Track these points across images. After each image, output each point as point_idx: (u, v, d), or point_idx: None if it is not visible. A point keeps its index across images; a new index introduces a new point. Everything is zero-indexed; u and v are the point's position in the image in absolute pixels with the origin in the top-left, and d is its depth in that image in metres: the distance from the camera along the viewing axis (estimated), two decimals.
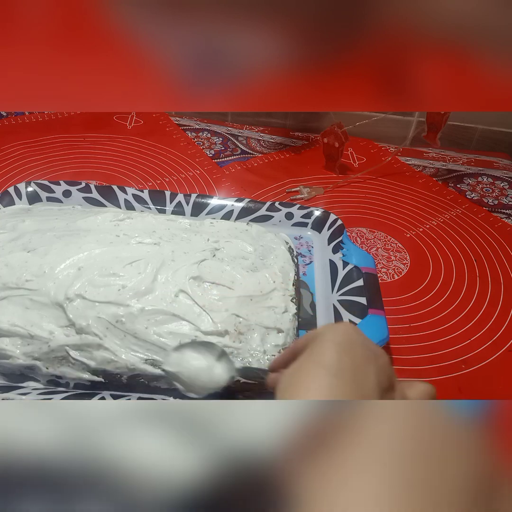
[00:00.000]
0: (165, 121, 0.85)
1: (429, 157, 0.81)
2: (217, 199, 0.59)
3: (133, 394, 0.39)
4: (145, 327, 0.38)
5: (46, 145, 0.74)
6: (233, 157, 0.76)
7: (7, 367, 0.39)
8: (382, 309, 0.45)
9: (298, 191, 0.68)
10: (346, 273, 0.50)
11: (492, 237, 0.63)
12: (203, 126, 0.85)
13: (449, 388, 0.43)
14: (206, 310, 0.39)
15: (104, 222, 0.47)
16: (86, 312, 0.39)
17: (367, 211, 0.66)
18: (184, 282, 0.41)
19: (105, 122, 0.82)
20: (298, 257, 0.53)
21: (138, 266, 0.41)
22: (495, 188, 0.73)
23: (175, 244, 0.45)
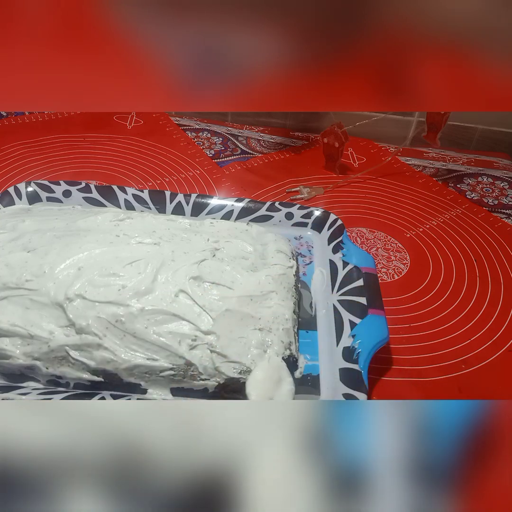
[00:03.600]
0: (165, 121, 0.85)
1: (429, 157, 0.81)
2: (217, 199, 0.59)
3: (133, 394, 0.39)
4: (145, 327, 0.38)
5: (46, 145, 0.74)
6: (233, 157, 0.76)
7: (7, 367, 0.39)
8: (382, 309, 0.45)
9: (298, 191, 0.68)
10: (346, 273, 0.50)
11: (492, 237, 0.63)
12: (203, 126, 0.85)
13: (449, 388, 0.43)
14: (206, 310, 0.39)
15: (104, 222, 0.47)
16: (86, 312, 0.38)
17: (367, 211, 0.66)
18: (184, 282, 0.41)
19: (105, 122, 0.82)
20: (298, 257, 0.53)
21: (138, 266, 0.41)
22: (495, 188, 0.73)
23: (175, 244, 0.45)
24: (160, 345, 0.38)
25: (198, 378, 0.38)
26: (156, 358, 0.38)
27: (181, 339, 0.38)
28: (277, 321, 0.41)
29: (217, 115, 0.88)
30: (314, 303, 0.49)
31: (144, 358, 0.38)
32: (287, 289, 0.44)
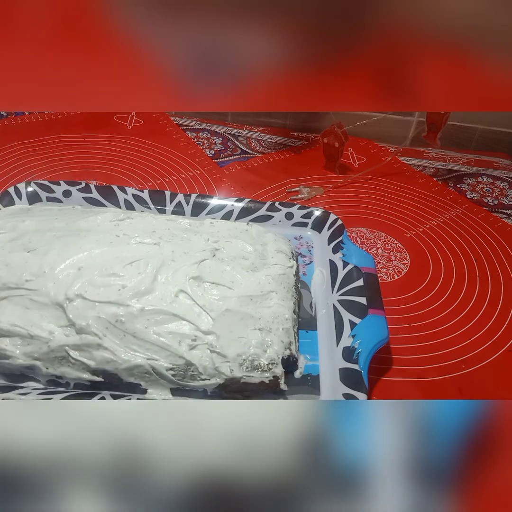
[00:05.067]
0: (165, 121, 0.85)
1: (429, 157, 0.81)
2: (217, 199, 0.59)
3: (133, 394, 0.39)
4: (145, 327, 0.38)
5: (46, 145, 0.74)
6: (233, 157, 0.76)
7: (7, 367, 0.39)
8: (382, 309, 0.45)
9: (298, 191, 0.68)
10: (346, 273, 0.50)
11: (492, 237, 0.63)
12: (203, 126, 0.85)
13: (449, 388, 0.43)
14: (206, 310, 0.39)
15: (104, 222, 0.47)
16: (86, 312, 0.38)
17: (367, 211, 0.66)
18: (184, 282, 0.41)
19: (105, 122, 0.82)
20: (298, 257, 0.53)
21: (138, 266, 0.41)
22: (495, 188, 0.73)
23: (175, 244, 0.45)
24: (160, 345, 0.38)
25: (198, 378, 0.38)
26: (156, 358, 0.38)
27: (181, 339, 0.38)
28: (277, 321, 0.41)
29: (217, 115, 0.88)
30: (314, 303, 0.49)
31: (144, 358, 0.38)
32: (287, 289, 0.44)
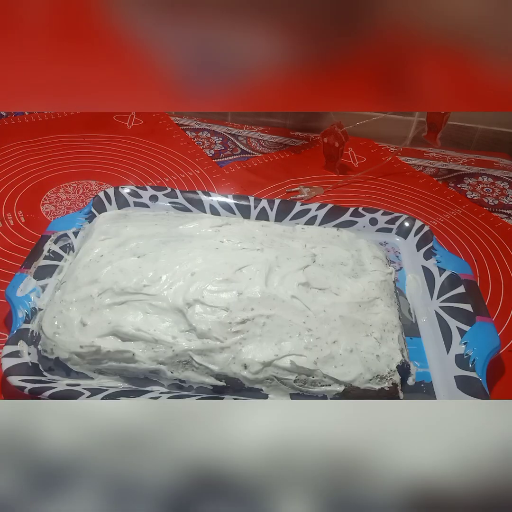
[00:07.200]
0: (165, 121, 0.85)
1: (429, 157, 0.80)
2: (300, 205, 0.59)
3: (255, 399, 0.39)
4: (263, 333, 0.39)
5: (46, 145, 0.74)
6: (233, 157, 0.76)
7: (132, 371, 0.39)
8: (489, 316, 0.45)
9: (298, 191, 0.68)
10: (444, 279, 0.50)
11: (492, 237, 0.63)
12: (203, 126, 0.85)
13: None
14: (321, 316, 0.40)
15: (204, 228, 0.48)
16: (206, 317, 0.39)
17: None
18: (294, 288, 0.41)
19: (105, 122, 0.82)
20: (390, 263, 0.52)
21: (248, 272, 0.42)
22: (496, 188, 0.73)
23: (277, 250, 0.45)
24: None
25: (319, 384, 0.38)
26: None
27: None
28: (387, 328, 0.41)
29: (217, 115, 0.88)
30: (412, 309, 0.49)
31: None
32: (390, 295, 0.45)
